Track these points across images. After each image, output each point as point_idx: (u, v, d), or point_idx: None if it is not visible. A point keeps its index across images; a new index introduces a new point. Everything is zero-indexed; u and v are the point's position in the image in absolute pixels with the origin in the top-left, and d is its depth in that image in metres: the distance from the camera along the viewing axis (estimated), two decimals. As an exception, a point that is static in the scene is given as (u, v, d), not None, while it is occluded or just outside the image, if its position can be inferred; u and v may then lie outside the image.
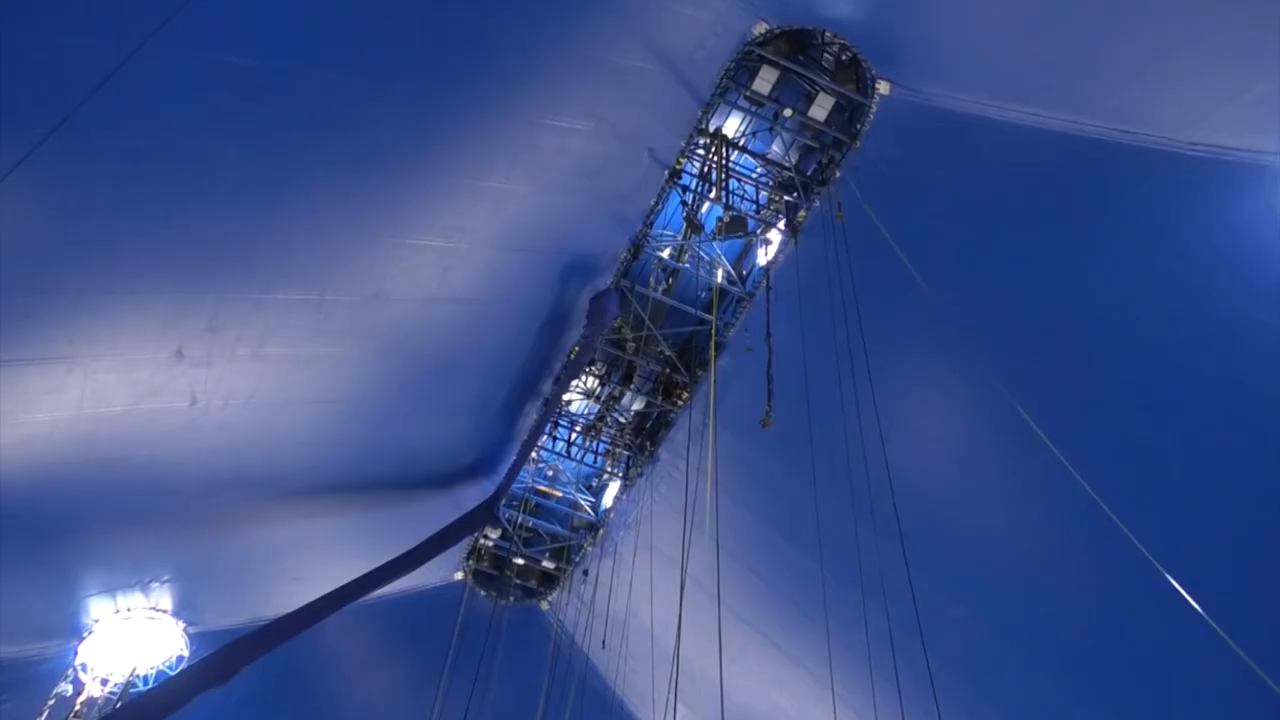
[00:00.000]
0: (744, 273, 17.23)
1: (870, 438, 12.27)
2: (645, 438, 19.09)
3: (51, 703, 16.15)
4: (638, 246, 16.18)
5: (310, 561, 17.34)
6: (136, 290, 11.07)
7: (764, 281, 15.69)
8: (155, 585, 16.63)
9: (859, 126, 14.20)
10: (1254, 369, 11.04)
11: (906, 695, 11.87)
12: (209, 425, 13.03)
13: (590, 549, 20.55)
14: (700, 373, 17.54)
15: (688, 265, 17.09)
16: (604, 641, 18.33)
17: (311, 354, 13.46)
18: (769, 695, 18.53)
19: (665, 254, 17.05)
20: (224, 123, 10.37)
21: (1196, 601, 10.11)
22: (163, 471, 13.46)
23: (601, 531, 20.34)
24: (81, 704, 16.13)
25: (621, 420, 19.66)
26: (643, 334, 17.71)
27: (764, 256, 16.40)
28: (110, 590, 16.36)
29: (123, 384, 11.73)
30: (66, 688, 16.36)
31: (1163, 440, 11.91)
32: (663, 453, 18.47)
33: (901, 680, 11.57)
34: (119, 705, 15.91)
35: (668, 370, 18.19)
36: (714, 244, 16.76)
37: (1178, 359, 11.70)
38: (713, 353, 15.93)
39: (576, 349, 16.64)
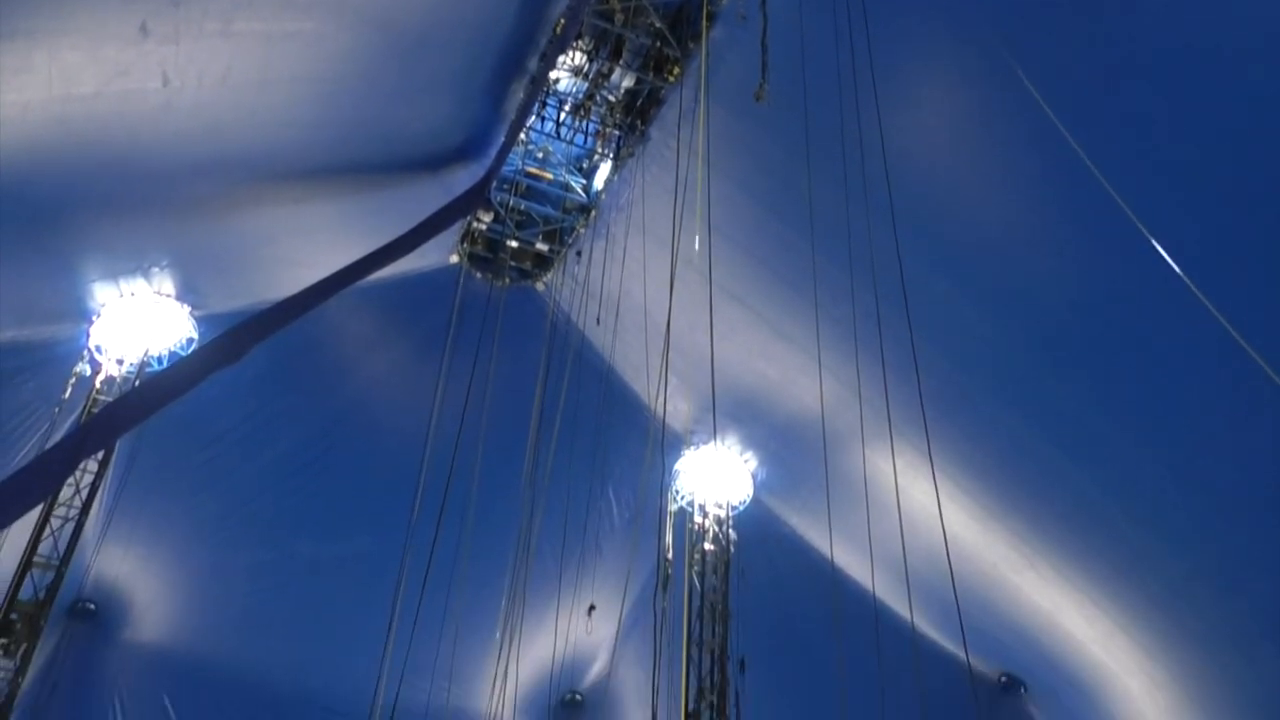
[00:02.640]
0: (740, -67, 15.98)
1: (866, 112, 11.96)
2: (636, 116, 18.59)
3: (73, 381, 16.97)
4: (625, -96, 14.91)
5: (306, 245, 17.50)
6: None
7: (761, -58, 14.57)
8: (155, 270, 16.91)
9: None
10: (1269, 42, 10.57)
11: (890, 365, 12.46)
12: (184, 106, 12.62)
13: (583, 230, 20.69)
14: (692, 45, 16.74)
15: (679, -75, 15.84)
16: (599, 318, 18.95)
17: (283, 30, 12.76)
18: (757, 366, 19.48)
19: (655, -88, 15.76)
20: None
21: (1183, 270, 10.34)
22: (144, 154, 13.22)
23: (594, 213, 20.37)
24: (101, 382, 16.94)
25: (611, 99, 19.08)
26: (631, 3, 16.74)
27: (762, -86, 15.12)
28: (112, 276, 16.66)
29: (90, 62, 11.21)
30: (85, 368, 17.12)
31: (1163, 109, 11.64)
32: (654, 131, 18.08)
33: (885, 351, 12.09)
34: (138, 383, 16.71)
35: (658, 43, 17.39)
36: (708, -100, 15.41)
37: (1188, 26, 11.17)
38: (705, 23, 15.13)
39: (562, 22, 15.79)
